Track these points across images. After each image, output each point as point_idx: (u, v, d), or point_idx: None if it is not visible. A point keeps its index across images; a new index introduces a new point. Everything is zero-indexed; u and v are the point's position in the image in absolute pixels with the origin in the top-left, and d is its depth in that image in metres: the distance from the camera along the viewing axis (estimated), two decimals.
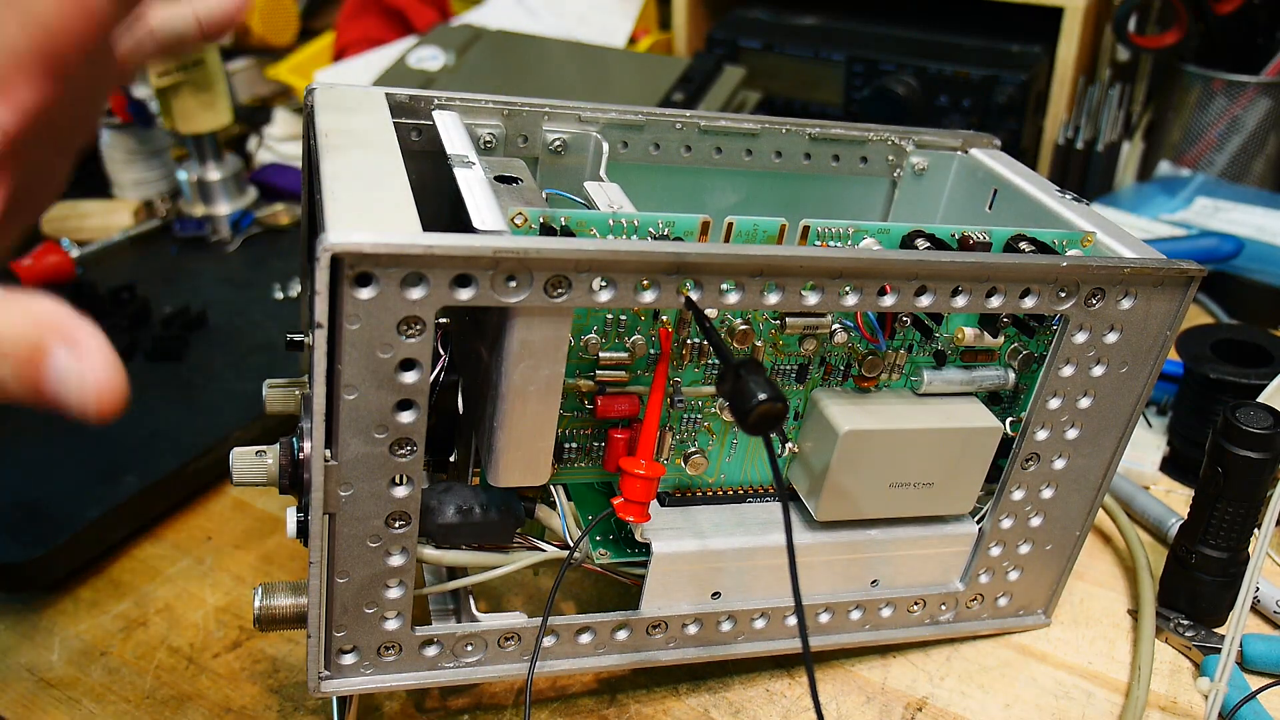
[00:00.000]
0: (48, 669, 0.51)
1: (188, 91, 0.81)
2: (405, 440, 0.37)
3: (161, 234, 0.88)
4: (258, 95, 1.13)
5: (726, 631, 0.47)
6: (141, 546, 0.59)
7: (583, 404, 0.43)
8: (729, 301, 0.38)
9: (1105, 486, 0.48)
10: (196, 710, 0.48)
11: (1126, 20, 0.87)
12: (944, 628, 0.51)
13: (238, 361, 0.70)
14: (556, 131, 0.50)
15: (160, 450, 0.61)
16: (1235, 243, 0.77)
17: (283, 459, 0.41)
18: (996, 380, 0.47)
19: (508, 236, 0.36)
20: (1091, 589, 0.56)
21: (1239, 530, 0.50)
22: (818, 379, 0.46)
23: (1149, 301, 0.43)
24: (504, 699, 0.49)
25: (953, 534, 0.49)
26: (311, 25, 1.22)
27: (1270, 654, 0.49)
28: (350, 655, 0.41)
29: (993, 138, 0.56)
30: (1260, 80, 0.87)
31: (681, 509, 0.46)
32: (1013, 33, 0.92)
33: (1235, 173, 0.91)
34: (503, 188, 0.43)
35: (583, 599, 0.54)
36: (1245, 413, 0.48)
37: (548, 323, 0.37)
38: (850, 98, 0.95)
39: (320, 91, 0.45)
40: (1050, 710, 0.49)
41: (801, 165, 0.55)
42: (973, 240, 0.44)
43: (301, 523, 0.39)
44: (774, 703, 0.49)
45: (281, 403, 0.50)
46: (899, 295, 0.40)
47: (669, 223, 0.41)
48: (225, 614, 0.54)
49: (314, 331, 0.34)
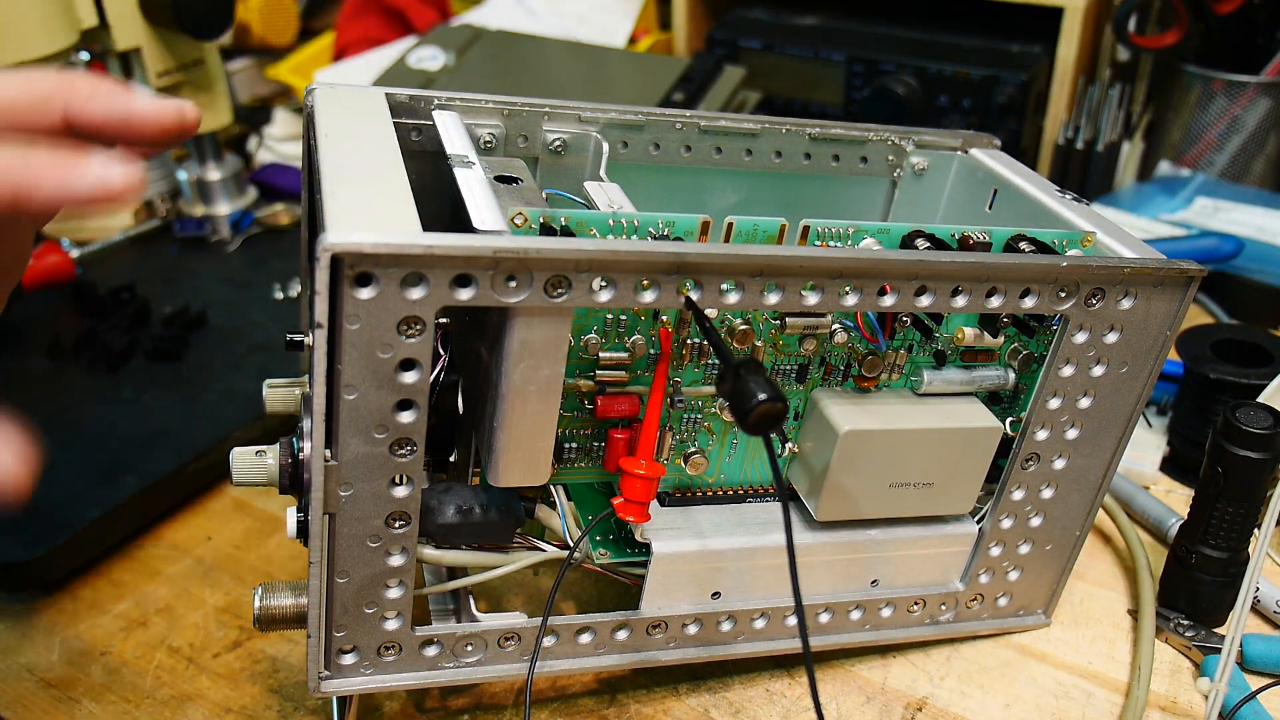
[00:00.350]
0: (48, 669, 0.51)
1: (188, 91, 0.81)
2: (405, 440, 0.37)
3: (161, 234, 0.88)
4: (258, 95, 1.13)
5: (726, 631, 0.47)
6: (141, 546, 0.59)
7: (583, 404, 0.43)
8: (729, 301, 0.38)
9: (1105, 486, 0.48)
10: (196, 710, 0.48)
11: (1126, 20, 0.87)
12: (944, 628, 0.51)
13: (238, 361, 0.70)
14: (556, 131, 0.50)
15: (160, 450, 0.61)
16: (1235, 243, 0.77)
17: (283, 459, 0.41)
18: (996, 380, 0.47)
19: (508, 236, 0.36)
20: (1091, 589, 0.56)
21: (1239, 530, 0.50)
22: (818, 379, 0.46)
23: (1149, 301, 0.43)
24: (504, 699, 0.49)
25: (953, 534, 0.49)
26: (311, 25, 1.22)
27: (1270, 654, 0.49)
28: (350, 655, 0.41)
29: (993, 138, 0.56)
30: (1260, 80, 0.87)
31: (681, 509, 0.46)
32: (1013, 33, 0.92)
33: (1235, 173, 0.91)
34: (503, 188, 0.43)
35: (583, 599, 0.54)
36: (1245, 413, 0.48)
37: (548, 323, 0.37)
38: (850, 98, 0.95)
39: (320, 91, 0.45)
40: (1050, 710, 0.49)
41: (801, 165, 0.55)
42: (973, 240, 0.44)
43: (301, 523, 0.39)
44: (774, 703, 0.49)
45: (281, 403, 0.50)
46: (899, 295, 0.40)
47: (669, 223, 0.41)
48: (225, 614, 0.54)
49: (314, 331, 0.34)
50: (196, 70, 0.80)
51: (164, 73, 0.78)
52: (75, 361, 0.70)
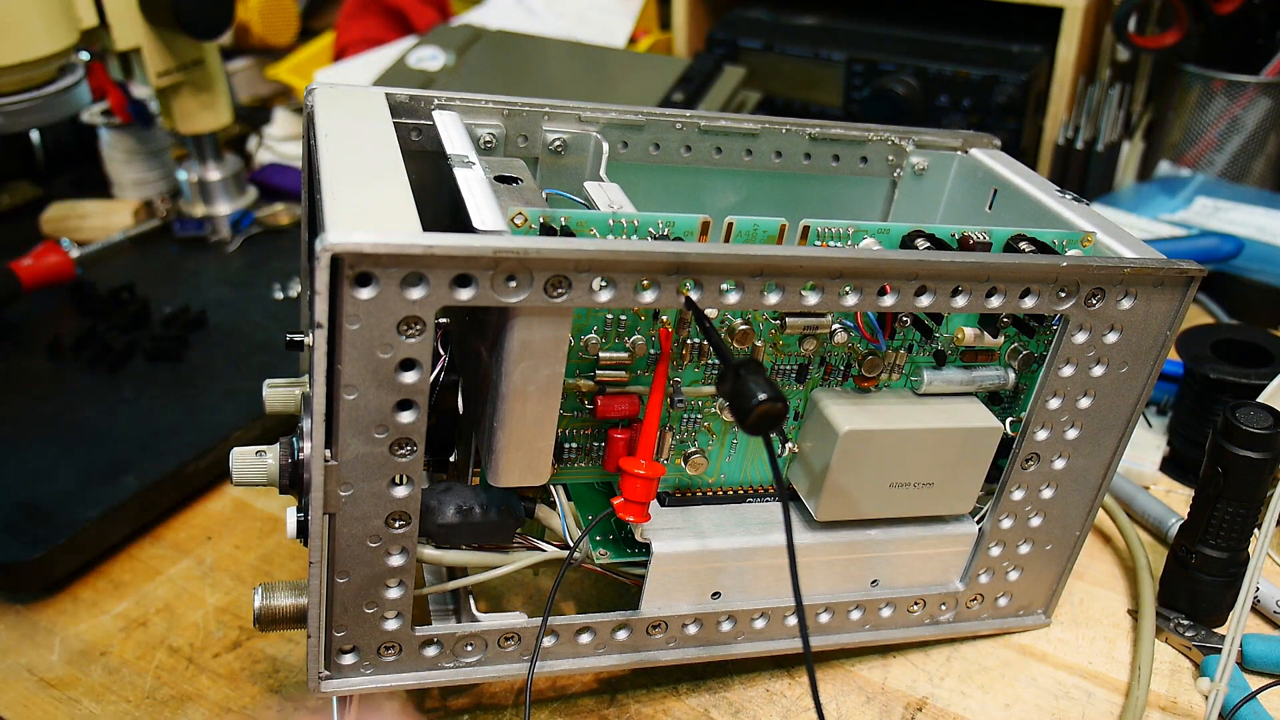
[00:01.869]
0: (48, 669, 0.51)
1: (188, 91, 0.81)
2: (405, 440, 0.37)
3: (161, 234, 0.88)
4: (258, 95, 1.13)
5: (726, 631, 0.47)
6: (141, 546, 0.59)
7: (583, 404, 0.43)
8: (729, 301, 0.38)
9: (1105, 486, 0.48)
10: (196, 710, 0.48)
11: (1126, 20, 0.87)
12: (944, 628, 0.51)
13: (238, 361, 0.70)
14: (556, 131, 0.50)
15: (160, 450, 0.61)
16: (1235, 243, 0.77)
17: (283, 459, 0.41)
18: (996, 380, 0.47)
19: (508, 236, 0.36)
20: (1091, 589, 0.56)
21: (1239, 530, 0.50)
22: (818, 379, 0.46)
23: (1149, 301, 0.43)
24: (504, 699, 0.49)
25: (953, 534, 0.49)
26: (311, 25, 1.22)
27: (1270, 654, 0.49)
28: (350, 655, 0.41)
29: (993, 138, 0.56)
30: (1260, 80, 0.87)
31: (681, 509, 0.46)
32: (1013, 33, 0.92)
33: (1235, 173, 0.91)
34: (503, 188, 0.43)
35: (583, 599, 0.54)
36: (1245, 413, 0.48)
37: (548, 323, 0.37)
38: (850, 98, 0.95)
39: (320, 91, 0.45)
40: (1050, 710, 0.49)
41: (801, 165, 0.55)
42: (973, 240, 0.44)
43: (301, 523, 0.39)
44: (774, 703, 0.49)
45: (281, 403, 0.50)
46: (899, 295, 0.40)
47: (669, 223, 0.41)
48: (225, 614, 0.54)
49: (314, 331, 0.34)
50: (196, 70, 0.80)
51: (164, 73, 0.78)
52: (75, 361, 0.70)
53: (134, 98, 0.89)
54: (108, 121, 0.90)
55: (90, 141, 0.96)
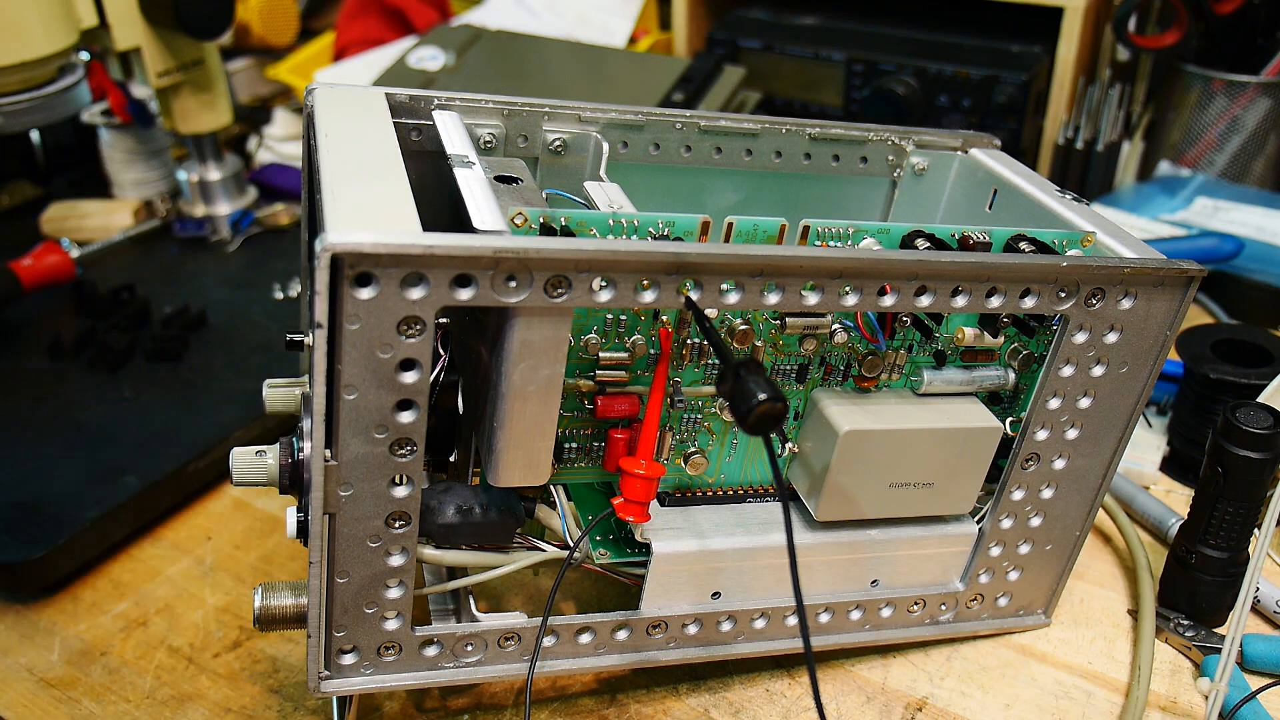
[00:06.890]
0: (48, 669, 0.51)
1: (188, 91, 0.81)
2: (405, 440, 0.37)
3: (161, 234, 0.88)
4: (258, 95, 1.13)
5: (726, 631, 0.47)
6: (141, 546, 0.59)
7: (583, 404, 0.43)
8: (729, 301, 0.38)
9: (1105, 486, 0.48)
10: (196, 710, 0.48)
11: (1126, 20, 0.87)
12: (944, 628, 0.51)
13: (238, 361, 0.70)
14: (556, 131, 0.50)
15: (160, 450, 0.61)
16: (1235, 243, 0.77)
17: (283, 459, 0.41)
18: (996, 380, 0.47)
19: (508, 236, 0.36)
20: (1091, 589, 0.56)
21: (1239, 530, 0.50)
22: (818, 379, 0.46)
23: (1149, 301, 0.43)
24: (504, 699, 0.49)
25: (953, 534, 0.49)
26: (311, 25, 1.22)
27: (1270, 654, 0.49)
28: (350, 655, 0.41)
29: (993, 138, 0.56)
30: (1260, 80, 0.87)
31: (681, 509, 0.46)
32: (1013, 33, 0.92)
33: (1235, 173, 0.91)
34: (503, 188, 0.43)
35: (583, 599, 0.54)
36: (1245, 413, 0.48)
37: (548, 323, 0.37)
38: (850, 98, 0.95)
39: (320, 91, 0.45)
40: (1050, 710, 0.49)
41: (801, 165, 0.55)
42: (973, 240, 0.44)
43: (301, 523, 0.39)
44: (774, 703, 0.49)
45: (281, 403, 0.50)
46: (899, 295, 0.40)
47: (669, 223, 0.41)
48: (225, 614, 0.54)
49: (314, 331, 0.34)
50: (196, 70, 0.80)
51: (164, 73, 0.78)
52: (75, 361, 0.70)
53: (134, 98, 0.89)
54: (108, 121, 0.90)
55: (90, 141, 0.96)
